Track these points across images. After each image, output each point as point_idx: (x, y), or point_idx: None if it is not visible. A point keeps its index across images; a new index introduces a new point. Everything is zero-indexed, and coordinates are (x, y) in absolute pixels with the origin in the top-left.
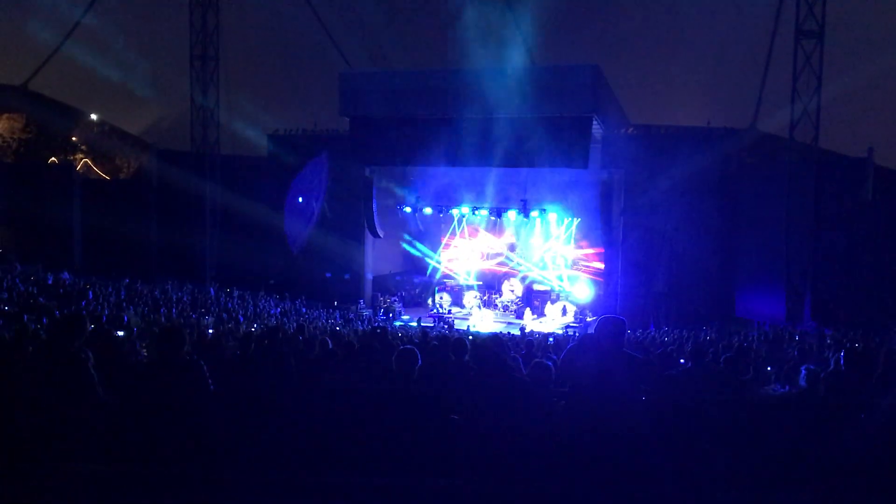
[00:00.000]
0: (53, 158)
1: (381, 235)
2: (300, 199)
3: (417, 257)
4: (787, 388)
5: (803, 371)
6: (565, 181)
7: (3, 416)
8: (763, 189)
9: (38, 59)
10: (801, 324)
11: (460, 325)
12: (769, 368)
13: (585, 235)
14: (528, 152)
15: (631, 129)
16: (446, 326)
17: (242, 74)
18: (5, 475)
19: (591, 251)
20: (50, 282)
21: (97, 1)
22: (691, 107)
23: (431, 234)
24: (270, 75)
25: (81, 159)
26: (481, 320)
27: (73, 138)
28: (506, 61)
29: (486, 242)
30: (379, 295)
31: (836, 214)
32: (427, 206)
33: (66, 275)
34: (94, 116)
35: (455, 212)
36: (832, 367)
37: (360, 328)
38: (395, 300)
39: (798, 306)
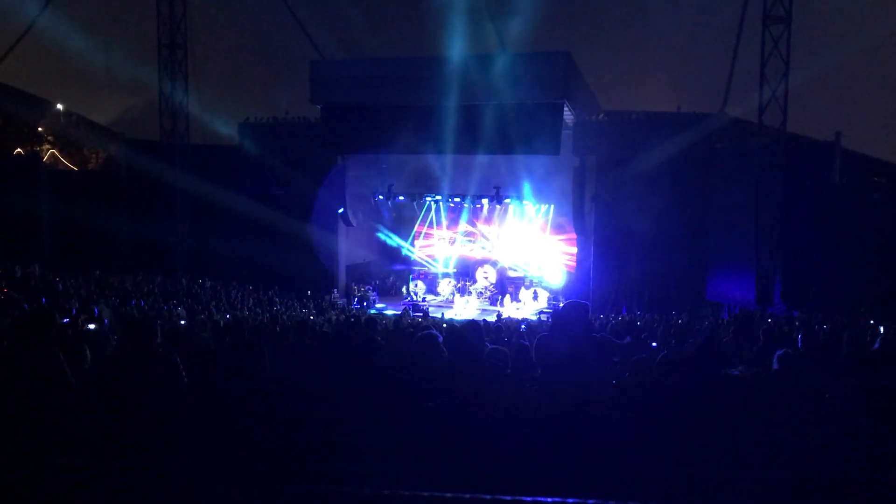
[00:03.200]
0: (19, 149)
1: (355, 224)
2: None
3: (392, 246)
4: (755, 369)
5: (778, 353)
6: (538, 168)
7: None
8: (733, 173)
9: (2, 48)
10: (771, 306)
11: (437, 313)
12: (738, 351)
13: (559, 221)
14: (500, 139)
15: (602, 116)
16: (420, 315)
17: (211, 63)
18: None
19: (564, 237)
20: (19, 275)
21: None
22: (662, 92)
23: (405, 221)
24: (240, 63)
25: (48, 150)
26: (464, 308)
27: (40, 129)
28: (478, 49)
29: (460, 229)
30: (353, 284)
31: (804, 197)
32: (400, 193)
33: (35, 267)
34: (60, 106)
35: (428, 199)
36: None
37: (336, 317)
38: (370, 289)
39: (768, 289)
